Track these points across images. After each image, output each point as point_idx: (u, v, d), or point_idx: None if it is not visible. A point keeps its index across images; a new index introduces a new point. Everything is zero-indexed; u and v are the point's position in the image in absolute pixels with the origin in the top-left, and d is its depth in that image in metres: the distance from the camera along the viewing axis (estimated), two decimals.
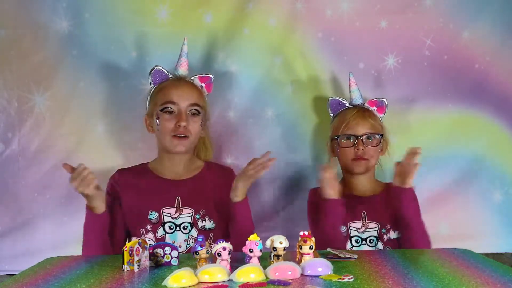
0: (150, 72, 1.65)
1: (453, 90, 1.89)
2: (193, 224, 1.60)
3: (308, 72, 1.90)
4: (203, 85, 1.69)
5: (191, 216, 1.60)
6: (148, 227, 1.59)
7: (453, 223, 1.91)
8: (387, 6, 1.88)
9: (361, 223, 1.68)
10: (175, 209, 1.61)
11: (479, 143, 1.91)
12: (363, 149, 1.68)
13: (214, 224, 1.62)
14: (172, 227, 1.59)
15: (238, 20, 1.87)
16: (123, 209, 1.62)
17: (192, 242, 1.59)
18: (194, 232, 1.60)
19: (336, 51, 1.89)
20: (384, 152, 1.77)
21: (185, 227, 1.60)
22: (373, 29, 1.88)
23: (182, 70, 1.68)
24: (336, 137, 1.73)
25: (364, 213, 1.69)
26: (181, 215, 1.60)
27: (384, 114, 1.76)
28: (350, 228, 1.68)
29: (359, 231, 1.68)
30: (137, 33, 1.86)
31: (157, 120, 1.62)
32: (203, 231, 1.60)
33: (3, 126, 1.86)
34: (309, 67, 1.90)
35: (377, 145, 1.71)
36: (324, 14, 1.88)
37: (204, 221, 1.61)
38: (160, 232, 1.59)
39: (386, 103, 1.75)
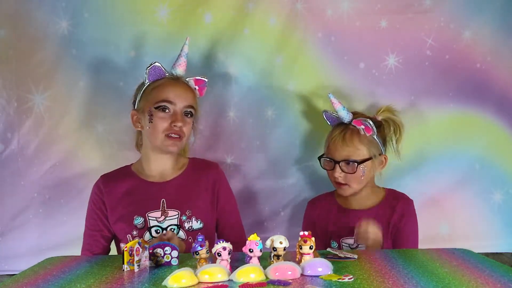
0: (147, 67, 1.61)
1: (454, 90, 1.89)
2: (179, 226, 1.57)
3: (308, 72, 1.89)
4: (197, 87, 1.66)
5: (177, 218, 1.57)
6: (134, 232, 1.56)
7: (453, 223, 1.91)
8: (387, 5, 1.87)
9: (353, 239, 1.63)
10: (161, 212, 1.58)
11: (480, 143, 1.90)
12: (340, 175, 1.64)
13: (201, 224, 1.59)
14: (158, 231, 1.55)
15: (238, 20, 1.87)
16: (109, 215, 1.60)
17: None
18: (182, 234, 1.56)
19: (336, 51, 1.88)
20: (381, 168, 1.70)
21: (172, 230, 1.56)
22: (373, 29, 1.87)
23: (180, 70, 1.64)
24: (320, 158, 1.72)
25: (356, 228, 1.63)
26: (166, 218, 1.57)
27: (373, 133, 1.64)
28: (343, 244, 1.66)
29: (351, 247, 1.65)
30: (136, 33, 1.86)
31: (149, 117, 1.58)
32: (190, 232, 1.57)
33: (2, 126, 1.86)
34: (309, 67, 1.89)
35: (353, 173, 1.63)
36: (324, 14, 1.87)
37: (190, 222, 1.58)
38: (146, 236, 1.55)
39: (371, 124, 1.63)
